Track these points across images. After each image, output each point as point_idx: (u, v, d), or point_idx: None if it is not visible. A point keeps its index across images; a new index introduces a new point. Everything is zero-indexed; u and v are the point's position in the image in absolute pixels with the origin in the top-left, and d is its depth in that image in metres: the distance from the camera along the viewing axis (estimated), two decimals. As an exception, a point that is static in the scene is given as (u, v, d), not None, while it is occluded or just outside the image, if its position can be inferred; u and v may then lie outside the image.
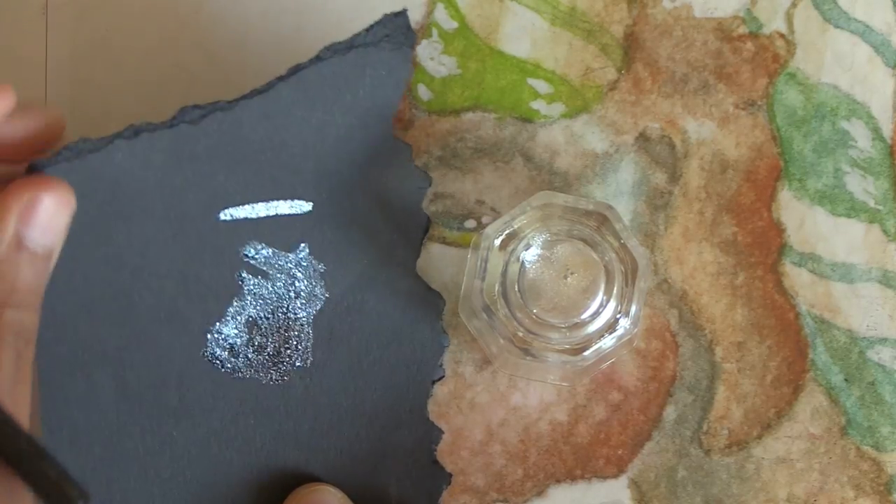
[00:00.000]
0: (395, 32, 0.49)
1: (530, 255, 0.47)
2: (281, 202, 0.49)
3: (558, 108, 0.53)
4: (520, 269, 0.47)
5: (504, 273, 0.47)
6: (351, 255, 0.50)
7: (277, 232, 0.49)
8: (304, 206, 0.49)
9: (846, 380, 0.52)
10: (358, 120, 0.49)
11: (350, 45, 0.49)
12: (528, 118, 0.53)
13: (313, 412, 0.49)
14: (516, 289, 0.47)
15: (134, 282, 0.48)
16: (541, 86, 0.53)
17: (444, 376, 0.51)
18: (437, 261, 0.52)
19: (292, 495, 0.48)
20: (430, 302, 0.50)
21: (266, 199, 0.49)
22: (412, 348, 0.50)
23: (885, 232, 0.53)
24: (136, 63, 0.53)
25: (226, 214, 0.48)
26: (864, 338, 0.52)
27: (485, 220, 0.52)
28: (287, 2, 0.53)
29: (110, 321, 0.48)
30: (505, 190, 0.53)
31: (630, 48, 0.53)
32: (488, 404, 0.52)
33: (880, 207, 0.53)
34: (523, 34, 0.53)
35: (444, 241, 0.52)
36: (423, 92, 0.53)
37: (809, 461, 0.52)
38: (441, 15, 0.53)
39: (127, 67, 0.53)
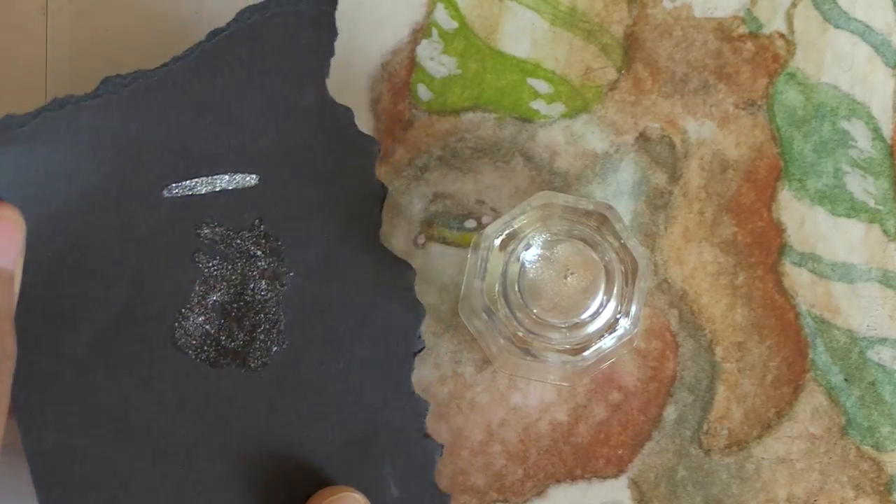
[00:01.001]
0: None
1: (530, 255, 0.47)
2: (224, 176, 0.48)
3: (558, 108, 0.53)
4: (520, 269, 0.47)
5: (504, 273, 0.47)
6: (310, 229, 0.48)
7: (229, 208, 0.48)
8: (249, 179, 0.48)
9: (846, 380, 0.52)
10: (289, 84, 0.48)
11: (266, 5, 0.48)
12: (528, 118, 0.53)
13: (298, 399, 0.48)
14: (516, 289, 0.47)
15: (85, 269, 0.47)
16: (541, 86, 0.53)
17: (424, 347, 0.50)
18: (437, 261, 0.52)
19: (314, 498, 0.47)
20: (399, 272, 0.49)
21: (208, 174, 0.48)
22: (388, 322, 0.49)
23: (885, 232, 0.53)
24: (136, 63, 0.53)
25: (168, 191, 0.47)
26: (864, 338, 0.52)
27: (485, 220, 0.52)
28: (287, 2, 0.53)
29: (69, 317, 0.47)
30: (505, 190, 0.53)
31: (630, 48, 0.53)
32: (488, 404, 0.52)
33: (880, 207, 0.53)
34: (523, 34, 0.53)
35: (444, 241, 0.52)
36: (423, 92, 0.53)
37: (809, 461, 0.52)
38: (441, 15, 0.53)
39: (127, 67, 0.52)
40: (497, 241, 0.47)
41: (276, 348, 0.48)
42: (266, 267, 0.48)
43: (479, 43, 0.53)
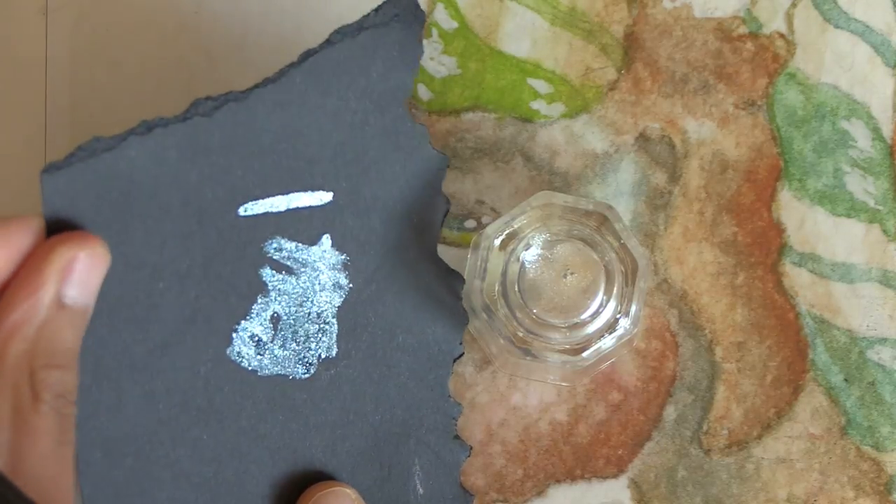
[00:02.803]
0: (404, 11, 0.48)
1: (530, 255, 0.47)
2: (301, 194, 0.48)
3: (558, 108, 0.53)
4: (520, 269, 0.47)
5: (504, 273, 0.47)
6: (372, 242, 0.49)
7: (299, 225, 0.49)
8: (324, 197, 0.49)
9: (846, 380, 0.52)
10: (372, 104, 0.49)
11: (360, 26, 0.48)
12: (528, 118, 0.53)
13: (339, 401, 0.49)
14: (516, 289, 0.47)
15: (154, 282, 0.47)
16: (541, 86, 0.53)
17: (463, 353, 0.51)
18: (437, 261, 0.52)
19: (305, 494, 0.48)
20: (450, 282, 0.50)
21: (285, 192, 0.48)
22: (434, 329, 0.50)
23: (885, 232, 0.53)
24: (136, 63, 0.53)
25: (245, 209, 0.48)
26: (864, 338, 0.52)
27: (485, 220, 0.52)
28: (287, 2, 0.53)
29: (133, 325, 0.47)
30: (505, 190, 0.53)
31: (630, 48, 0.53)
32: (488, 404, 0.52)
33: (880, 207, 0.53)
34: (523, 34, 0.53)
35: (444, 241, 0.52)
36: (423, 92, 0.53)
37: (809, 461, 0.52)
38: (441, 15, 0.53)
39: (127, 67, 0.53)
40: (497, 241, 0.47)
41: (325, 356, 0.49)
42: (327, 281, 0.49)
43: (479, 43, 0.53)
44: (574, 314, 0.47)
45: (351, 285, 0.49)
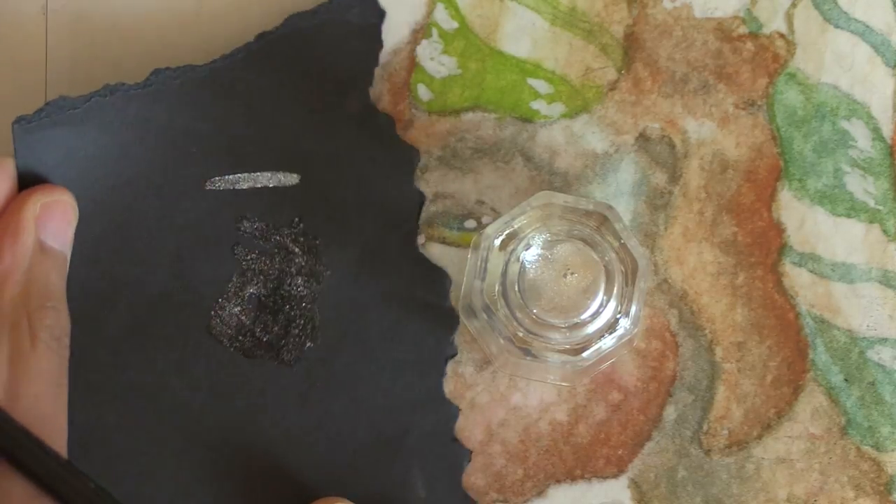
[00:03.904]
0: (362, 6, 0.50)
1: (530, 255, 0.47)
2: (266, 173, 0.49)
3: (558, 108, 0.53)
4: (520, 269, 0.47)
5: (504, 273, 0.47)
6: (347, 230, 0.49)
7: (269, 205, 0.49)
8: (290, 178, 0.49)
9: (846, 380, 0.52)
10: (333, 90, 0.49)
11: (314, 13, 0.49)
12: (528, 118, 0.53)
13: (330, 397, 0.49)
14: (516, 289, 0.47)
15: (126, 251, 0.48)
16: (541, 86, 0.53)
17: (456, 353, 0.51)
18: (437, 261, 0.52)
19: None
20: (435, 279, 0.50)
21: (250, 170, 0.49)
22: (422, 327, 0.50)
23: (885, 232, 0.53)
24: (136, 63, 0.53)
25: (211, 183, 0.48)
26: (864, 338, 0.52)
27: (485, 220, 0.52)
28: (287, 2, 0.53)
29: (106, 299, 0.48)
30: (505, 190, 0.53)
31: (630, 48, 0.53)
32: (488, 404, 0.52)
33: (880, 207, 0.53)
34: (523, 34, 0.53)
35: (444, 241, 0.52)
36: (423, 92, 0.53)
37: (809, 461, 0.52)
38: (441, 15, 0.53)
39: (127, 67, 0.53)
40: (497, 241, 0.47)
41: (309, 344, 0.49)
42: (303, 264, 0.49)
43: (479, 43, 0.53)
44: (574, 314, 0.47)
45: (328, 272, 0.49)
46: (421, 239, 0.52)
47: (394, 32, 0.53)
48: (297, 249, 0.49)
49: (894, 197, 0.53)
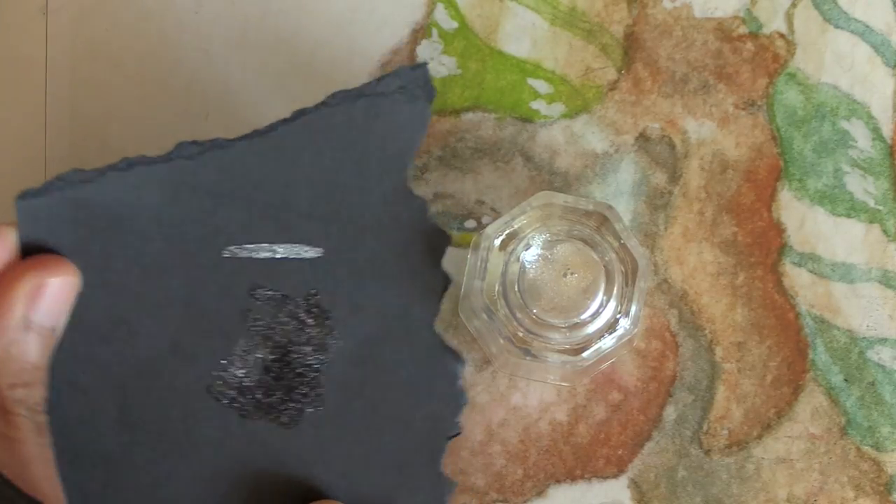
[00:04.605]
0: (411, 84, 0.48)
1: (530, 255, 0.47)
2: (287, 245, 0.48)
3: (558, 108, 0.53)
4: (520, 269, 0.47)
5: (504, 273, 0.47)
6: (365, 306, 0.49)
7: (287, 275, 0.48)
8: (311, 252, 0.48)
9: (846, 380, 0.52)
10: (370, 171, 0.48)
11: (360, 93, 0.47)
12: (528, 118, 0.53)
13: (325, 461, 0.48)
14: (516, 289, 0.47)
15: (135, 309, 0.47)
16: (541, 86, 0.53)
17: (460, 433, 0.50)
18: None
19: None
20: (448, 360, 0.49)
21: (271, 241, 0.48)
22: (429, 404, 0.49)
23: (885, 232, 0.53)
24: (136, 63, 0.53)
25: (229, 251, 0.48)
26: (864, 338, 0.52)
27: (485, 220, 0.52)
28: (287, 2, 0.53)
29: (112, 347, 0.47)
30: (505, 190, 0.53)
31: (630, 48, 0.53)
32: (488, 404, 0.52)
33: (880, 207, 0.53)
34: (523, 34, 0.53)
35: (444, 241, 0.52)
36: (423, 92, 0.53)
37: (809, 461, 0.52)
38: (441, 15, 0.53)
39: (127, 67, 0.53)
40: (497, 241, 0.47)
41: (310, 410, 0.48)
42: (314, 335, 0.48)
43: (479, 43, 0.53)
44: (574, 314, 0.47)
45: (340, 344, 0.49)
46: (421, 239, 0.52)
47: (394, 32, 0.53)
48: (309, 321, 0.48)
49: (894, 197, 0.53)
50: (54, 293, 0.45)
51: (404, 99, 0.48)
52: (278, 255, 0.48)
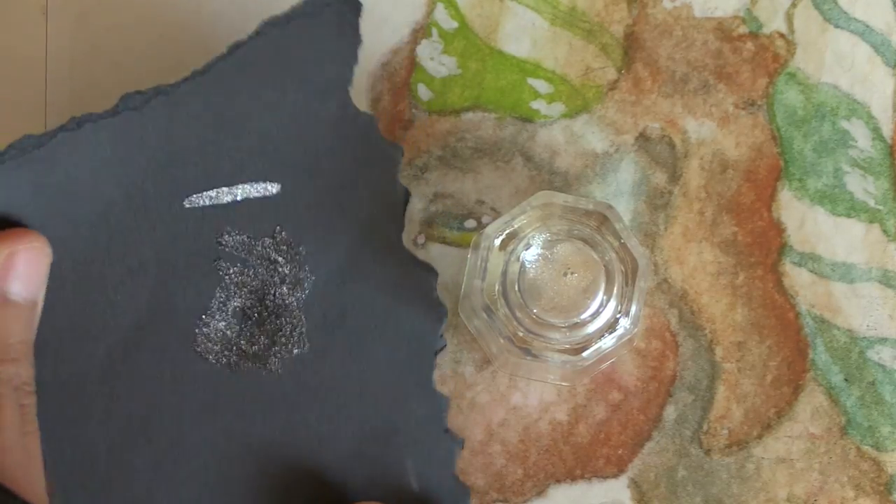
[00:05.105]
0: (337, 2, 0.48)
1: (530, 254, 0.47)
2: (246, 185, 0.48)
3: (558, 107, 0.53)
4: (520, 269, 0.47)
5: (504, 273, 0.47)
6: (331, 234, 0.49)
7: (250, 216, 0.48)
8: (270, 188, 0.48)
9: (846, 380, 0.52)
10: (312, 95, 0.48)
11: (289, 17, 0.48)
12: (528, 118, 0.53)
13: (319, 399, 0.49)
14: (516, 288, 0.47)
15: (106, 279, 0.47)
16: (541, 86, 0.53)
17: (445, 346, 0.50)
18: (437, 261, 0.52)
19: None
20: (421, 274, 0.49)
21: (229, 183, 0.48)
22: (410, 322, 0.49)
23: (885, 232, 0.53)
24: (136, 63, 0.53)
25: (190, 202, 0.48)
26: (864, 338, 0.52)
27: (485, 220, 0.52)
28: (287, 2, 0.53)
29: (89, 326, 0.47)
30: (505, 190, 0.53)
31: (630, 48, 0.53)
32: (488, 404, 0.52)
33: (880, 207, 0.53)
34: (523, 34, 0.53)
35: (444, 241, 0.52)
36: (423, 92, 0.53)
37: (809, 461, 0.52)
38: (441, 15, 0.53)
39: (127, 67, 0.53)
40: (497, 241, 0.47)
41: (297, 351, 0.48)
42: (287, 273, 0.48)
43: (479, 43, 0.53)
44: (574, 314, 0.47)
45: (313, 277, 0.49)
46: (421, 239, 0.52)
47: (394, 32, 0.53)
48: (280, 259, 0.48)
49: (894, 197, 0.53)
50: (27, 262, 0.44)
51: (334, 14, 0.48)
52: (239, 197, 0.48)
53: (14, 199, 0.46)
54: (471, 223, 0.53)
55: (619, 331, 0.47)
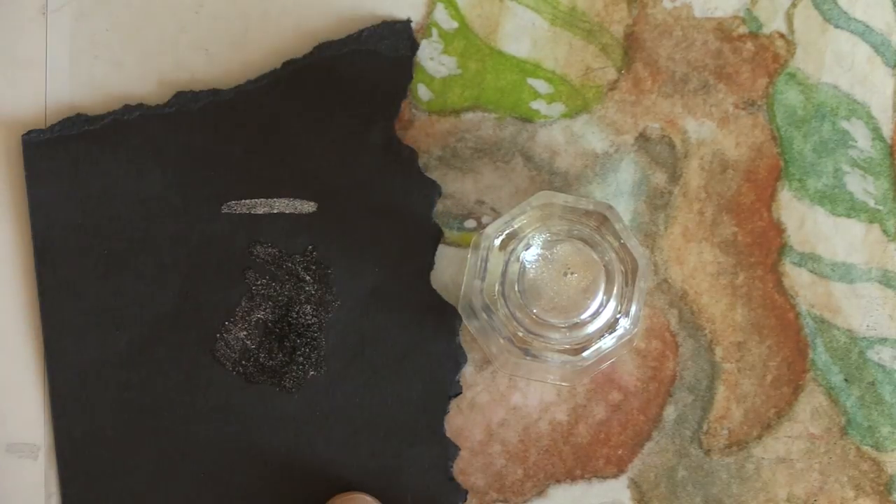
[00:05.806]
0: (394, 38, 0.49)
1: (530, 254, 0.47)
2: (283, 200, 0.49)
3: (558, 108, 0.53)
4: (520, 269, 0.47)
5: (504, 273, 0.47)
6: (361, 261, 0.49)
7: (283, 231, 0.49)
8: (307, 206, 0.49)
9: (846, 380, 0.52)
10: (358, 122, 0.49)
11: (344, 43, 0.49)
12: (528, 118, 0.53)
13: (329, 424, 0.49)
14: (516, 288, 0.47)
15: (137, 271, 0.48)
16: (541, 86, 0.53)
17: (460, 392, 0.51)
18: (437, 261, 0.52)
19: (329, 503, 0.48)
20: (445, 316, 0.50)
21: (266, 196, 0.49)
22: (428, 363, 0.49)
23: (885, 232, 0.53)
24: (135, 63, 0.53)
25: (228, 208, 0.48)
26: (864, 338, 0.52)
27: (485, 220, 0.52)
28: (287, 1, 0.53)
29: (116, 315, 0.48)
30: (505, 190, 0.53)
31: (630, 48, 0.53)
32: (488, 404, 0.52)
33: (880, 207, 0.53)
34: (523, 34, 0.53)
35: (444, 241, 0.52)
36: (423, 92, 0.53)
37: (809, 461, 0.52)
38: (441, 15, 0.53)
39: (127, 68, 0.53)
40: (497, 241, 0.47)
41: (313, 372, 0.49)
42: (313, 293, 0.49)
43: (479, 43, 0.53)
44: (574, 314, 0.47)
45: (338, 302, 0.49)
46: (421, 239, 0.52)
47: (394, 32, 0.53)
48: (308, 277, 0.49)
49: (894, 197, 0.53)
50: None
51: (388, 51, 0.49)
52: (275, 210, 0.48)
53: (56, 172, 0.47)
54: (471, 223, 0.53)
55: (619, 331, 0.47)
